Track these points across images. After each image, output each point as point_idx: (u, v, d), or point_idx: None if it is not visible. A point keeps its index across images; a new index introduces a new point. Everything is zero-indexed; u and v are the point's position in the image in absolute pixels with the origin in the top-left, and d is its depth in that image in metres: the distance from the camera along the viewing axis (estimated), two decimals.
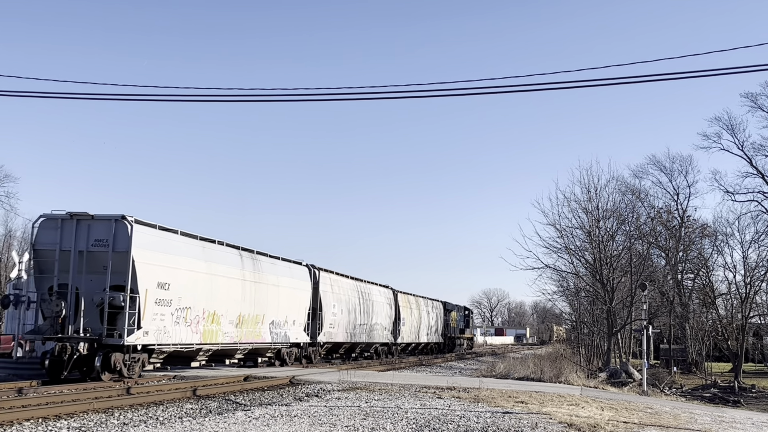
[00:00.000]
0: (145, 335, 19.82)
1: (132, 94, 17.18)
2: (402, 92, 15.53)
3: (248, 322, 25.68)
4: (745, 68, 13.57)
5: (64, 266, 19.85)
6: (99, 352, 19.10)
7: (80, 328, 19.11)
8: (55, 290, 19.78)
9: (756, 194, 49.54)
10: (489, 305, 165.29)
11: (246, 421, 12.30)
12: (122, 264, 19.35)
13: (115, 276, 19.42)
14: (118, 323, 19.27)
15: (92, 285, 19.65)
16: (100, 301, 19.44)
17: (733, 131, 49.95)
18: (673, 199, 54.26)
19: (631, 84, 18.12)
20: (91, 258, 19.78)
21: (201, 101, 20.65)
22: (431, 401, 16.41)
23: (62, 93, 17.14)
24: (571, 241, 39.11)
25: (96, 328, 19.27)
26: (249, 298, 25.65)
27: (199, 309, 22.52)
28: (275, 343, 27.94)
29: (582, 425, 13.11)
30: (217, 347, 24.08)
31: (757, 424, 16.43)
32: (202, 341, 22.85)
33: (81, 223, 19.95)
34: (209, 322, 23.19)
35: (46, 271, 20.19)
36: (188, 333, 22.00)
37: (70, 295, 19.55)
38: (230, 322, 24.46)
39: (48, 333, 19.40)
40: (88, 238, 19.88)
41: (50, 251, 20.07)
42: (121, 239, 19.56)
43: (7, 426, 11.05)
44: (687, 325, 49.41)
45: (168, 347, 21.28)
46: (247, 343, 25.87)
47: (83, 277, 19.70)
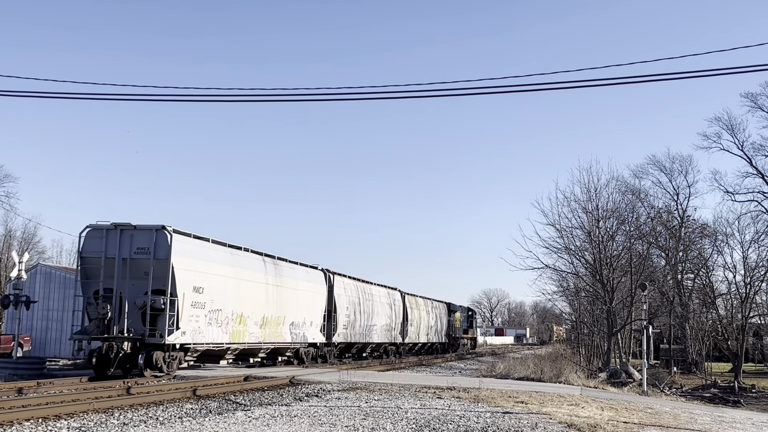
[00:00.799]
0: (182, 335, 21.74)
1: (132, 94, 17.20)
2: (402, 92, 15.54)
3: (271, 324, 27.62)
4: (745, 68, 13.58)
5: (109, 272, 21.74)
6: (142, 350, 21.01)
7: (124, 328, 21.08)
8: (101, 294, 21.61)
9: (756, 194, 49.57)
10: (489, 305, 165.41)
11: (246, 421, 12.30)
12: (162, 270, 21.24)
13: (156, 281, 21.27)
14: (159, 324, 21.16)
15: (134, 289, 21.56)
16: (142, 304, 21.29)
17: (733, 131, 49.99)
18: (673, 199, 54.29)
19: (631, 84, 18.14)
20: (134, 265, 21.73)
21: (201, 101, 20.66)
22: (431, 401, 16.41)
23: (62, 93, 17.14)
24: (571, 241, 39.12)
25: (138, 328, 21.18)
26: (271, 300, 27.61)
27: (229, 311, 24.56)
28: (294, 343, 29.84)
29: (582, 425, 13.11)
30: (244, 346, 25.91)
31: (757, 424, 16.43)
32: (231, 341, 24.79)
33: (124, 233, 21.98)
34: (237, 323, 25.18)
35: (92, 277, 22.08)
36: (219, 333, 24.03)
37: (115, 299, 21.43)
38: (255, 323, 26.42)
39: (94, 333, 21.27)
40: (131, 246, 21.87)
41: (96, 258, 21.98)
42: (161, 247, 21.53)
43: (7, 426, 11.05)
44: (687, 325, 49.41)
45: (202, 346, 23.25)
46: (269, 343, 27.69)
47: (126, 282, 21.59)
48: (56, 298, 41.58)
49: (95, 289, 21.91)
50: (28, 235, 64.41)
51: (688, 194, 53.73)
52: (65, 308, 41.24)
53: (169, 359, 21.76)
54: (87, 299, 22.10)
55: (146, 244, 21.72)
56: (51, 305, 41.54)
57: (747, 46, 52.14)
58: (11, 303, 27.31)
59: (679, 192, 54.17)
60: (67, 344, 40.17)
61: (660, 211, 49.92)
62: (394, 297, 44.94)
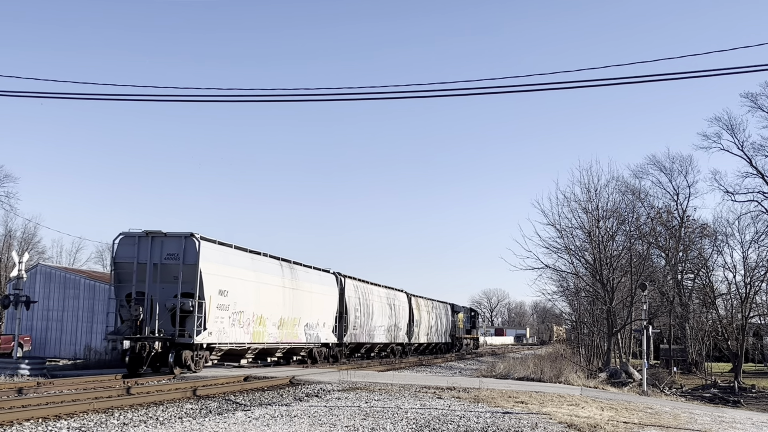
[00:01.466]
0: (209, 335, 23.31)
1: (132, 94, 17.19)
2: (402, 92, 15.53)
3: (287, 325, 29.24)
4: (745, 68, 13.58)
5: (141, 277, 23.18)
6: (172, 350, 22.51)
7: (155, 329, 22.52)
8: (133, 297, 23.11)
9: (756, 194, 49.56)
10: (489, 305, 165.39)
11: (246, 421, 12.29)
12: (191, 275, 22.82)
13: (185, 285, 22.81)
14: (187, 325, 22.68)
15: (164, 293, 23.03)
16: (172, 307, 22.81)
17: (733, 131, 49.98)
18: (673, 199, 54.29)
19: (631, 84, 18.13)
20: (164, 269, 23.20)
21: (201, 101, 20.65)
22: (431, 401, 16.41)
23: (62, 93, 17.13)
24: (571, 241, 39.11)
25: (168, 329, 22.66)
26: (288, 303, 29.24)
27: (250, 313, 26.12)
28: (309, 343, 31.54)
29: (582, 425, 13.10)
30: (263, 346, 27.60)
31: (757, 425, 16.43)
32: (252, 341, 26.42)
33: (155, 240, 23.47)
34: (257, 324, 26.73)
35: (124, 281, 23.65)
36: (241, 333, 25.59)
37: (146, 302, 22.87)
38: (273, 324, 28.00)
39: (127, 334, 22.62)
40: (162, 252, 23.34)
41: (128, 264, 23.51)
42: (190, 253, 23.08)
43: (7, 426, 11.05)
44: (687, 325, 49.40)
45: (226, 346, 24.85)
46: (286, 343, 29.37)
47: (157, 286, 23.09)
48: (56, 298, 41.57)
49: (127, 292, 23.45)
50: (28, 235, 64.50)
51: (688, 194, 53.77)
52: (65, 308, 41.27)
53: (196, 358, 23.34)
54: (119, 302, 23.60)
55: (176, 250, 23.22)
56: (51, 305, 41.53)
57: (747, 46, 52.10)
58: (11, 303, 27.31)
59: (679, 192, 54.20)
60: (66, 344, 40.25)
61: (660, 211, 49.93)
62: (401, 299, 46.37)
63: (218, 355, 25.49)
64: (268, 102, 18.94)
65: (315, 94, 17.43)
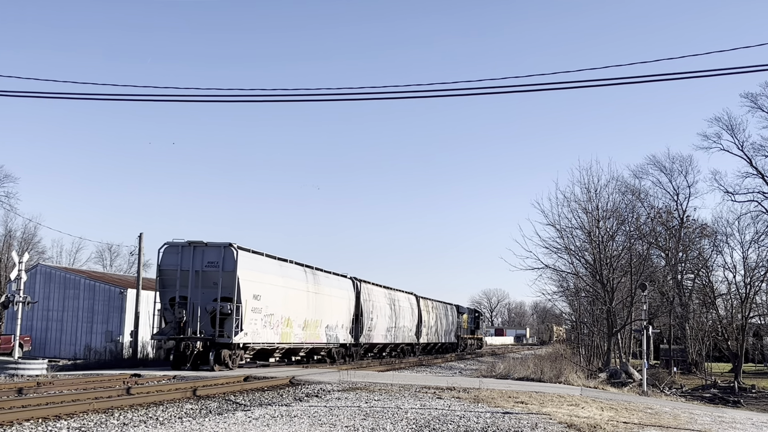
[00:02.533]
0: (245, 336, 25.45)
1: (132, 94, 17.19)
2: (402, 92, 15.53)
3: (310, 326, 31.53)
4: (745, 68, 13.58)
5: (184, 282, 25.39)
6: (212, 349, 24.77)
7: (197, 330, 24.64)
8: (177, 301, 25.24)
9: (756, 194, 49.52)
10: (489, 305, 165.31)
11: (246, 422, 12.29)
12: (229, 281, 25.01)
13: (224, 290, 24.99)
14: (226, 327, 24.82)
15: (205, 297, 25.18)
16: (212, 310, 24.94)
17: (733, 131, 49.95)
18: (672, 200, 54.26)
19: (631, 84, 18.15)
20: (205, 276, 25.36)
21: (201, 101, 20.66)
22: (431, 401, 16.41)
23: (62, 93, 17.13)
24: (571, 241, 39.10)
25: (208, 330, 24.83)
26: (311, 306, 31.59)
27: (279, 315, 28.32)
28: (329, 343, 33.86)
29: (582, 425, 13.10)
30: (290, 346, 30.03)
31: (757, 425, 16.43)
32: (280, 341, 28.79)
33: (197, 249, 25.65)
34: (285, 326, 28.98)
35: (168, 286, 25.71)
36: (272, 334, 27.87)
37: (189, 305, 25.04)
38: (299, 326, 30.34)
39: (171, 334, 24.94)
40: (203, 260, 25.50)
41: (172, 271, 25.61)
42: (229, 262, 25.22)
43: (7, 426, 11.05)
44: (687, 325, 49.38)
45: (259, 345, 27.21)
46: (309, 343, 31.81)
47: (198, 291, 25.27)
48: (56, 298, 41.56)
49: (171, 297, 25.52)
50: (28, 235, 64.49)
51: (688, 194, 53.73)
52: (65, 308, 41.26)
53: (233, 356, 25.60)
54: (164, 305, 25.76)
55: (216, 258, 25.39)
56: (51, 305, 41.52)
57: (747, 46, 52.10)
58: (11, 303, 27.31)
59: (679, 192, 54.17)
60: (66, 344, 40.26)
61: (660, 211, 49.90)
62: (411, 301, 48.78)
63: (251, 354, 27.61)
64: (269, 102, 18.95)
65: (315, 94, 17.43)
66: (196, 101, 20.77)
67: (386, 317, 42.37)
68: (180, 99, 17.06)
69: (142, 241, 35.08)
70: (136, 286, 34.95)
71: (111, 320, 39.71)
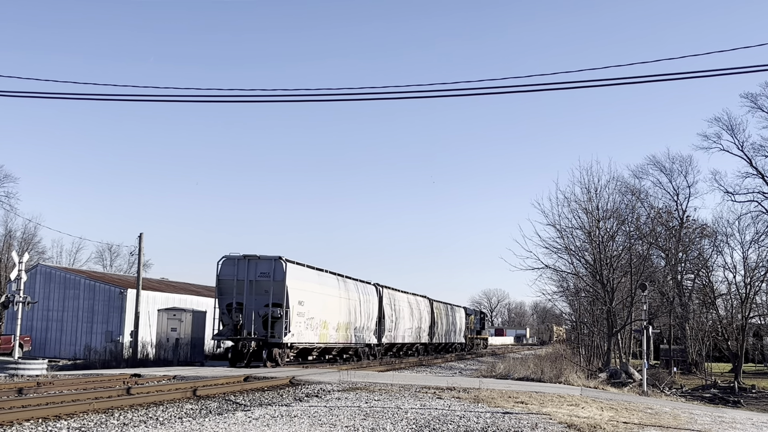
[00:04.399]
0: (292, 336, 29.12)
1: (132, 94, 17.19)
2: (403, 93, 15.53)
3: (342, 328, 35.29)
4: (745, 68, 13.58)
5: (239, 290, 28.91)
6: (264, 348, 28.31)
7: (251, 331, 28.14)
8: (233, 307, 28.72)
9: (756, 194, 49.49)
10: (489, 305, 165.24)
11: (246, 422, 12.29)
12: (279, 289, 28.70)
13: (274, 297, 28.62)
14: (276, 328, 28.42)
15: (258, 303, 28.74)
16: (264, 314, 28.43)
17: (733, 132, 49.94)
18: (672, 200, 54.26)
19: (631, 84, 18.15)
20: (257, 285, 28.96)
21: (201, 101, 20.66)
22: (431, 401, 16.40)
23: (63, 93, 17.13)
24: (571, 241, 39.08)
25: (260, 332, 28.30)
26: (343, 310, 35.41)
27: (318, 318, 31.99)
28: (357, 343, 37.63)
29: (582, 425, 13.10)
30: (326, 345, 33.98)
31: (757, 425, 16.43)
32: (319, 341, 32.63)
33: (251, 261, 29.20)
34: (322, 328, 32.65)
35: (226, 294, 29.25)
36: (312, 335, 31.59)
37: (244, 310, 28.49)
38: (333, 328, 33.98)
39: (229, 335, 28.68)
40: (256, 271, 29.06)
41: (229, 280, 29.17)
42: (279, 272, 28.91)
43: (7, 426, 11.04)
44: (687, 325, 49.37)
45: (302, 344, 30.99)
46: (341, 343, 35.80)
47: (252, 298, 28.77)
48: (56, 298, 41.55)
49: (228, 303, 28.97)
50: (28, 235, 64.55)
51: (688, 194, 53.72)
52: (65, 308, 41.25)
53: (282, 354, 28.98)
54: (222, 310, 29.23)
55: (267, 269, 28.95)
56: (51, 305, 41.51)
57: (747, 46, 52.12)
58: (11, 303, 27.31)
59: (679, 192, 54.17)
60: (66, 344, 40.26)
61: (660, 211, 49.88)
62: (425, 303, 52.64)
63: (294, 352, 31.13)
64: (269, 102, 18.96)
65: (315, 94, 17.43)
66: (196, 101, 20.78)
67: (404, 319, 46.22)
68: (180, 99, 17.08)
69: (142, 241, 35.09)
70: (136, 286, 34.95)
71: (111, 320, 39.72)
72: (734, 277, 48.72)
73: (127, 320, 38.34)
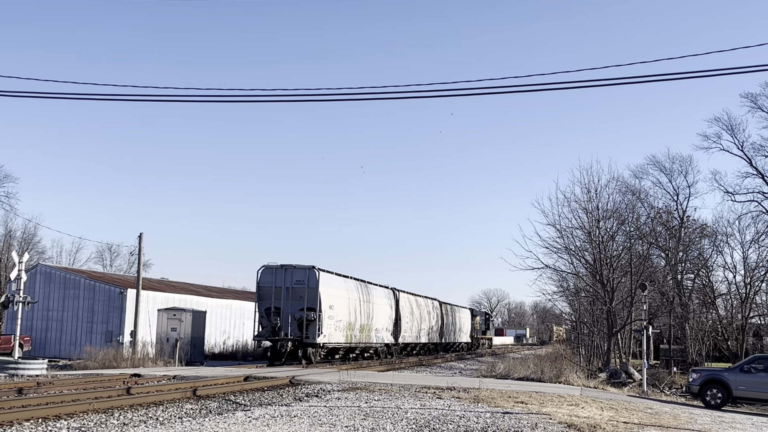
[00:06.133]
0: (324, 337, 32.51)
1: (133, 94, 17.18)
2: (403, 93, 15.52)
3: (364, 329, 38.67)
4: (745, 68, 13.57)
5: (277, 296, 32.40)
6: (300, 348, 31.93)
7: (288, 333, 31.54)
8: (272, 311, 32.11)
9: (756, 194, 49.37)
10: (489, 305, 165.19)
11: (246, 422, 12.29)
12: (313, 295, 32.09)
13: (308, 302, 31.95)
14: (310, 330, 31.78)
15: (293, 307, 32.08)
16: (299, 317, 31.83)
17: (733, 131, 49.84)
18: (672, 200, 54.16)
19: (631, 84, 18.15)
20: (293, 291, 32.42)
21: (201, 101, 20.66)
22: (431, 401, 16.40)
23: (63, 93, 17.13)
24: (571, 241, 39.05)
25: (295, 333, 31.69)
26: (365, 313, 38.55)
27: (345, 321, 35.42)
28: (377, 343, 41.03)
29: (582, 425, 13.10)
30: (351, 345, 37.22)
31: (757, 425, 16.44)
32: (345, 341, 35.95)
33: (287, 270, 32.67)
34: (348, 330, 35.99)
35: (264, 299, 32.58)
36: (340, 336, 34.98)
37: (282, 314, 31.87)
38: (357, 329, 37.43)
39: (268, 336, 31.98)
40: (292, 279, 32.50)
41: (268, 287, 32.57)
42: (312, 280, 32.33)
43: (7, 426, 11.04)
44: (687, 325, 49.33)
45: (331, 344, 34.19)
46: (364, 343, 39.07)
47: (288, 303, 32.16)
48: (56, 298, 41.53)
49: (266, 307, 32.33)
50: (28, 235, 64.52)
51: (688, 194, 53.58)
52: (65, 308, 41.24)
53: (315, 353, 32.51)
54: (260, 314, 32.47)
55: (302, 278, 32.41)
56: (51, 305, 41.49)
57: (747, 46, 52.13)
58: (11, 303, 27.30)
59: (679, 192, 54.05)
60: (66, 344, 40.23)
61: (660, 211, 49.82)
62: (435, 305, 55.94)
63: (324, 352, 34.06)
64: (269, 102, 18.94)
65: (315, 94, 17.43)
66: (196, 101, 20.78)
67: (417, 321, 49.56)
68: (180, 99, 17.06)
69: (142, 241, 35.07)
70: (136, 286, 34.93)
71: (111, 320, 39.69)
72: (734, 277, 48.71)
73: (127, 320, 38.32)
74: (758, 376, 22.51)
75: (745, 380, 22.50)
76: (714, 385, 22.80)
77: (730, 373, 23.26)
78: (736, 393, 22.59)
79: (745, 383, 22.46)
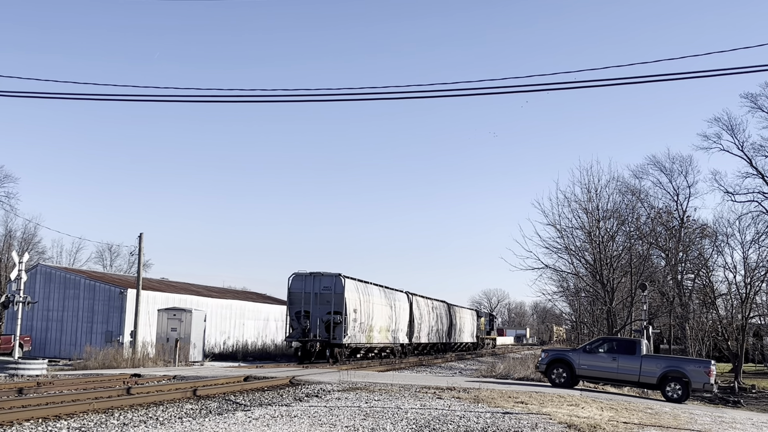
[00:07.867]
0: (348, 338, 35.81)
1: (132, 94, 17.18)
2: (403, 93, 15.53)
3: (383, 331, 42.11)
4: (745, 68, 13.57)
5: (306, 301, 36.02)
6: (327, 348, 35.33)
7: (316, 334, 34.88)
8: (302, 314, 35.59)
9: (756, 194, 49.41)
10: (489, 305, 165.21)
11: (246, 422, 12.29)
12: (339, 300, 35.60)
13: (335, 306, 35.46)
14: (336, 332, 35.25)
15: (321, 311, 35.56)
16: (327, 320, 35.21)
17: (733, 132, 49.87)
18: (673, 200, 54.20)
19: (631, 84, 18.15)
20: (321, 296, 35.98)
21: (201, 101, 20.67)
22: (431, 401, 16.40)
23: (63, 93, 17.13)
24: (571, 241, 39.12)
25: (323, 335, 35.04)
26: (384, 315, 42.11)
27: (366, 323, 38.70)
28: (394, 343, 44.36)
29: (582, 425, 13.10)
30: (371, 345, 40.67)
31: (757, 425, 16.44)
32: (367, 342, 39.41)
33: (316, 277, 36.28)
34: (369, 331, 39.45)
35: (295, 303, 36.33)
36: (362, 337, 38.37)
37: (311, 317, 35.28)
38: (377, 331, 40.79)
39: (298, 338, 35.29)
40: (320, 285, 36.14)
41: (298, 293, 36.34)
42: (338, 286, 35.94)
43: (7, 426, 11.04)
44: (687, 325, 49.32)
45: (355, 345, 37.54)
46: (383, 344, 42.48)
47: (317, 307, 35.66)
48: (56, 298, 41.53)
49: (297, 311, 35.91)
50: (28, 235, 64.58)
51: (688, 194, 53.63)
52: (65, 308, 41.24)
53: (340, 353, 35.56)
54: (291, 317, 36.06)
55: (329, 284, 35.96)
56: (51, 305, 41.49)
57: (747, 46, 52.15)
58: (11, 303, 27.30)
59: (679, 192, 54.09)
60: (66, 344, 40.23)
61: (660, 211, 49.85)
62: (444, 307, 59.32)
63: (348, 351, 36.70)
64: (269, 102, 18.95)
65: (315, 94, 17.43)
66: (196, 101, 20.78)
67: (429, 322, 53.04)
68: (180, 99, 17.07)
69: (142, 241, 35.07)
70: (136, 286, 34.93)
71: (111, 320, 39.70)
72: (734, 277, 48.66)
73: (127, 320, 38.32)
74: (599, 356, 23.33)
75: (587, 360, 23.35)
76: (560, 364, 23.64)
77: (575, 353, 24.13)
78: (578, 372, 23.48)
79: (587, 363, 23.33)
